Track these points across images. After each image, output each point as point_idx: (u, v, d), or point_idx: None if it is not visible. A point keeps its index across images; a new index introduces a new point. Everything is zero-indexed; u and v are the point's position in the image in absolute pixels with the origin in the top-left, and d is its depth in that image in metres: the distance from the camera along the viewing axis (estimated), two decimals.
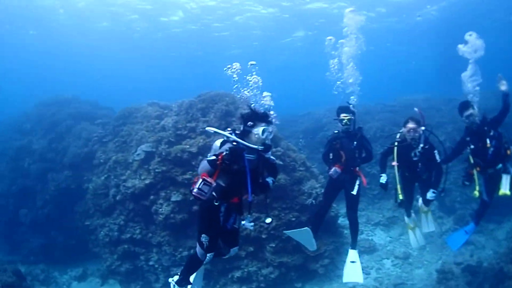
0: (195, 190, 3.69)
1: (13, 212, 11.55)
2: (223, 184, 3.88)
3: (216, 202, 3.86)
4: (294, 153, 9.17)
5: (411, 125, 5.60)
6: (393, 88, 28.61)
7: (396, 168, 5.85)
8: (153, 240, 8.32)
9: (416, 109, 5.99)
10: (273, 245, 7.86)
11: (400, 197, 5.84)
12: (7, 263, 10.81)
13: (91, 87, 32.60)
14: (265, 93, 4.29)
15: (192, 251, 7.51)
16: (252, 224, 4.12)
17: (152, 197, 8.23)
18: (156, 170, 8.22)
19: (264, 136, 3.87)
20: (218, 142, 3.96)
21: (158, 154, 8.47)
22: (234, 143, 3.80)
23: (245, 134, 3.94)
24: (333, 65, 6.09)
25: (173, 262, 8.12)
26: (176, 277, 4.50)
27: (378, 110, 14.61)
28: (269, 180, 4.18)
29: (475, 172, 5.73)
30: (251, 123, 3.89)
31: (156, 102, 10.91)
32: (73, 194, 10.76)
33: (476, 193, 5.66)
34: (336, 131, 5.96)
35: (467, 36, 5.61)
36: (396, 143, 5.89)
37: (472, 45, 5.55)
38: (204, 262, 4.14)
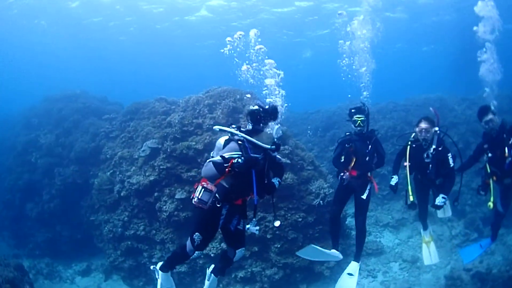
0: (196, 199, 3.55)
1: (19, 207, 11.66)
2: (227, 186, 3.69)
3: (218, 204, 3.62)
4: (303, 152, 9.00)
5: (423, 125, 5.38)
6: (405, 87, 28.19)
7: (407, 168, 5.61)
8: (157, 237, 8.26)
9: (431, 108, 5.79)
10: (278, 246, 7.72)
11: (411, 198, 5.58)
12: (12, 257, 10.93)
13: (106, 84, 32.78)
14: (267, 61, 4.09)
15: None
16: (257, 228, 3.89)
17: (156, 194, 8.17)
18: (161, 167, 8.15)
19: (277, 135, 3.71)
20: (222, 140, 3.78)
21: (163, 150, 8.40)
22: (240, 142, 3.59)
23: (255, 132, 3.72)
24: (343, 47, 5.86)
25: None
26: (159, 264, 4.35)
27: (390, 108, 14.27)
28: (275, 180, 3.96)
29: (491, 182, 5.47)
30: (263, 122, 3.69)
31: (163, 98, 10.83)
32: (79, 189, 10.79)
33: (491, 204, 5.40)
34: (347, 133, 5.74)
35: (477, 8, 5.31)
36: (409, 143, 5.66)
37: (487, 20, 5.27)
38: (191, 257, 4.02)
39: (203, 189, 3.53)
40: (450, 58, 25.85)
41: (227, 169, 3.42)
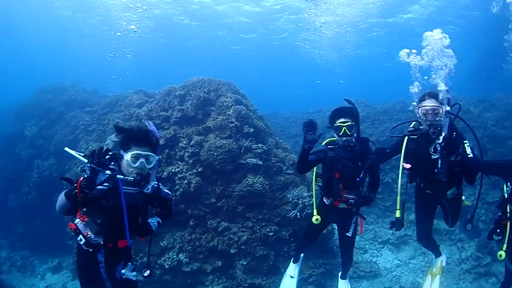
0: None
1: (2, 197, 10.74)
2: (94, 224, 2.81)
3: (90, 249, 2.79)
4: (284, 152, 7.24)
5: (429, 103, 3.40)
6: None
7: (400, 171, 3.61)
8: None
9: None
10: (244, 263, 6.07)
11: (398, 214, 3.67)
12: None
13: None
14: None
15: None
16: (134, 274, 2.95)
17: None
18: None
19: (136, 165, 2.66)
20: None
21: None
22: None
23: (117, 159, 2.79)
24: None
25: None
26: None
27: (397, 109, 12.00)
28: (153, 221, 3.00)
29: (509, 224, 3.32)
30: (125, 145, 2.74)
31: (142, 90, 9.43)
32: (56, 182, 9.61)
33: (502, 254, 3.28)
34: (328, 145, 3.78)
35: None
36: (407, 133, 3.66)
37: None
38: None
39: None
40: (473, 56, 22.54)
41: (76, 192, 2.42)
